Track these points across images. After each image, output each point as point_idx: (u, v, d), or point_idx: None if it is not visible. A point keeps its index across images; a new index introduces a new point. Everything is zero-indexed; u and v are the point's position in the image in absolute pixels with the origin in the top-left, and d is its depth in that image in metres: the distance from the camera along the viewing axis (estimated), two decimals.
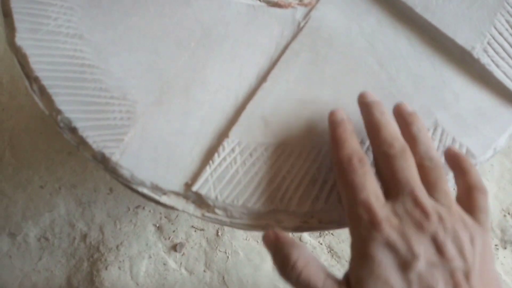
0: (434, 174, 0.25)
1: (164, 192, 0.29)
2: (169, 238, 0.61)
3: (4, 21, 0.32)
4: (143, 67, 0.32)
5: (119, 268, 0.63)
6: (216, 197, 0.28)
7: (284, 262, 0.25)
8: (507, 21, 0.33)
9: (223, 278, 0.61)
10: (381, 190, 0.25)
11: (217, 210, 0.29)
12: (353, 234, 0.25)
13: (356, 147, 0.26)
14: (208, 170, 0.29)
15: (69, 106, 0.30)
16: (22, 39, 0.31)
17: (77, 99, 0.30)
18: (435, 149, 0.27)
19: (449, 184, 0.27)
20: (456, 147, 0.30)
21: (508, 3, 0.33)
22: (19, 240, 0.64)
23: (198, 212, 0.29)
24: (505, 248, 0.63)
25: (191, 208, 0.29)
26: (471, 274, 0.22)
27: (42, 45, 0.31)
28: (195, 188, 0.29)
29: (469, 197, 0.26)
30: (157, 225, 0.60)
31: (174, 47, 0.33)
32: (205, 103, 0.32)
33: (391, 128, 0.27)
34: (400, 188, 0.25)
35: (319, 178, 0.29)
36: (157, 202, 0.29)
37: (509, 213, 0.65)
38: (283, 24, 0.35)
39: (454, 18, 0.33)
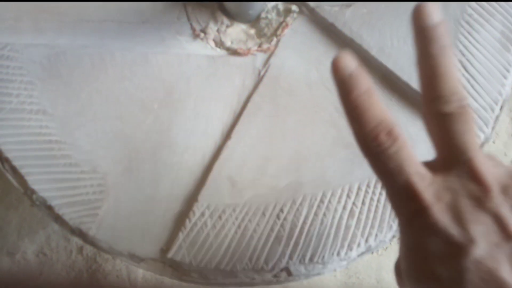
0: None
1: (141, 259, 0.31)
2: None
3: None
4: (109, 136, 0.33)
5: (117, 276, 0.66)
6: (191, 262, 0.31)
7: None
8: (460, 61, 0.33)
9: None
10: (423, 165, 0.21)
11: (192, 274, 0.31)
12: (399, 221, 0.22)
13: (380, 114, 0.21)
14: (180, 236, 0.31)
15: (42, 185, 0.31)
16: None
17: (49, 177, 0.31)
18: None
19: None
20: None
21: (461, 42, 0.34)
22: (18, 258, 0.67)
23: (175, 276, 0.31)
24: None
25: (168, 272, 0.31)
26: None
27: (7, 125, 0.32)
28: (170, 255, 0.31)
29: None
30: None
31: (138, 111, 0.33)
32: (174, 165, 0.33)
33: (451, 75, 0.21)
34: (455, 156, 0.21)
35: (283, 234, 0.31)
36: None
37: None
38: (243, 73, 0.35)
39: (409, 60, 0.34)
